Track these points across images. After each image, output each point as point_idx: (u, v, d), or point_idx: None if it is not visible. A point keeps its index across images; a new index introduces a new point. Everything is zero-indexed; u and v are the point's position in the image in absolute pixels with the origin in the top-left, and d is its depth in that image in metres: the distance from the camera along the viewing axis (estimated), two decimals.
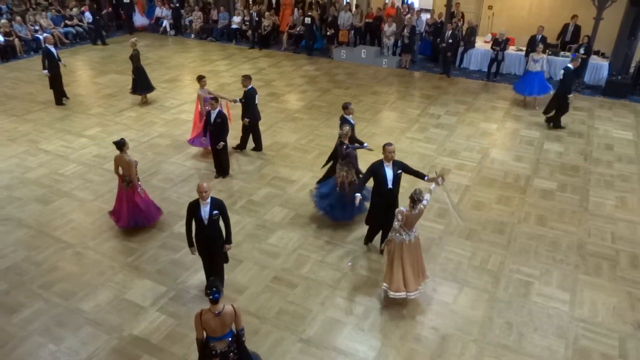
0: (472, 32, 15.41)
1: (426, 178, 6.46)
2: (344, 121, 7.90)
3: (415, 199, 5.65)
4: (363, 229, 7.40)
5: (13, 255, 6.95)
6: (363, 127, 11.14)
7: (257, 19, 17.37)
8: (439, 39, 15.07)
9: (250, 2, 19.34)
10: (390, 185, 6.42)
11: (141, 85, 12.24)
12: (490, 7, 17.14)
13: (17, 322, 5.82)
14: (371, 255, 7.04)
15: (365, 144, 7.92)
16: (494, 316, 5.98)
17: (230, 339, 4.41)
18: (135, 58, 11.90)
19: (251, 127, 9.70)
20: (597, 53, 14.37)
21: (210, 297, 4.18)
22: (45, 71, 11.73)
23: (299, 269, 6.74)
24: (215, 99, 8.46)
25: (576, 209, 8.19)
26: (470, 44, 15.44)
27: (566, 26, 14.75)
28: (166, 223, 7.68)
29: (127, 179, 7.19)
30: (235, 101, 9.68)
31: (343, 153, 7.24)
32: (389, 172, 6.36)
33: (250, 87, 9.43)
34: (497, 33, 14.71)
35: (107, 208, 7.93)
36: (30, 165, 9.37)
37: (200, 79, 9.56)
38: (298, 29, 17.42)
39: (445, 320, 5.91)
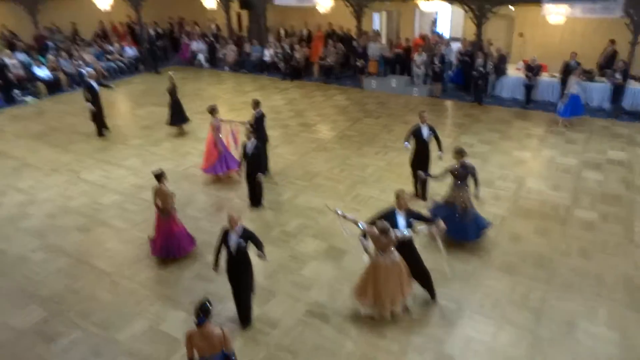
0: (503, 59, 15.33)
1: (437, 220, 6.25)
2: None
3: (380, 229, 5.68)
4: None
5: (53, 283, 7.13)
6: (395, 157, 11.11)
7: (288, 51, 17.76)
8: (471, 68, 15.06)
9: (282, 35, 19.81)
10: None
11: (177, 116, 12.61)
12: (520, 35, 17.04)
13: (55, 351, 5.93)
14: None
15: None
16: (535, 356, 5.73)
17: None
18: (172, 91, 12.31)
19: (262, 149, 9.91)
20: (634, 78, 14.02)
21: (196, 321, 4.33)
22: (88, 104, 12.23)
23: (333, 303, 6.65)
24: (251, 129, 8.63)
25: (620, 241, 7.87)
26: (501, 71, 15.34)
27: (604, 51, 14.52)
28: (199, 253, 7.76)
29: (164, 209, 7.34)
30: (245, 124, 9.86)
31: (466, 172, 7.29)
32: (402, 221, 6.13)
33: (259, 110, 9.79)
34: (529, 59, 14.59)
35: (142, 237, 8.10)
36: (72, 195, 9.68)
37: (213, 109, 9.95)
38: (329, 60, 17.69)
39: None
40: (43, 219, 8.82)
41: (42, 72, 16.50)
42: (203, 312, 4.33)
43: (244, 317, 6.16)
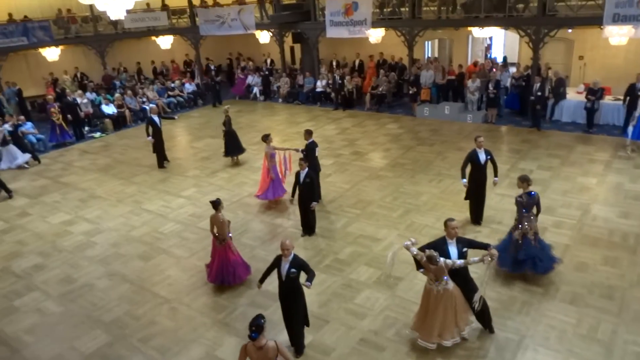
0: (561, 83, 14.86)
1: (490, 247, 5.93)
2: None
3: (427, 257, 5.61)
4: None
5: (117, 309, 7.43)
6: (450, 184, 10.91)
7: (340, 81, 18.08)
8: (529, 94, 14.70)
9: (334, 66, 20.23)
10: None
11: (232, 148, 13.05)
12: (580, 58, 16.52)
13: None
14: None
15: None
16: None
17: None
18: (227, 123, 12.80)
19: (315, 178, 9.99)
20: None
21: (249, 334, 4.49)
22: (149, 137, 12.92)
23: (387, 331, 6.52)
24: (304, 158, 8.79)
25: None
26: (560, 95, 14.86)
27: None
28: (255, 281, 7.80)
29: (221, 237, 7.53)
30: (297, 150, 10.13)
31: (533, 201, 7.09)
32: (453, 250, 5.95)
33: (311, 140, 9.95)
34: (591, 83, 14.06)
35: (200, 265, 8.33)
36: (134, 224, 10.14)
37: (266, 137, 10.34)
38: (381, 89, 17.83)
39: None
40: (108, 248, 9.27)
41: (109, 109, 17.64)
42: (256, 327, 4.50)
43: (296, 345, 6.14)
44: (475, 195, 8.99)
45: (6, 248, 9.50)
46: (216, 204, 7.42)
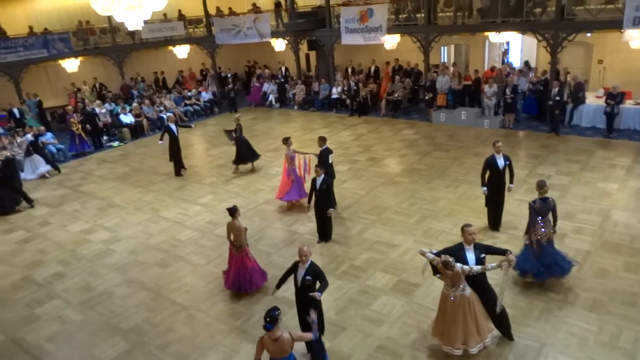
0: (580, 87, 14.66)
1: (508, 253, 5.83)
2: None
3: (442, 262, 5.59)
4: None
5: (135, 316, 7.50)
6: (467, 190, 10.81)
7: (355, 88, 18.10)
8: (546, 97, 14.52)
9: (350, 73, 20.27)
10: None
11: (246, 155, 13.13)
12: (600, 62, 16.27)
13: None
14: None
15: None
16: None
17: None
18: (238, 131, 12.91)
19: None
20: None
21: (264, 325, 4.70)
22: (161, 142, 13.18)
23: (404, 338, 6.47)
24: (319, 165, 8.81)
25: None
26: (579, 100, 14.65)
27: None
28: (271, 287, 7.81)
29: (237, 244, 7.58)
30: (316, 155, 10.21)
31: (548, 207, 7.04)
32: (471, 257, 5.86)
33: (325, 147, 10.02)
34: (610, 87, 13.84)
35: (217, 272, 8.38)
36: (152, 232, 10.25)
37: (286, 140, 10.51)
38: (396, 95, 17.79)
39: None
40: (126, 255, 9.38)
41: (127, 119, 17.91)
42: (270, 318, 4.70)
43: (313, 351, 6.11)
44: (494, 201, 8.90)
45: (28, 257, 9.67)
46: (233, 211, 7.46)
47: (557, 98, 13.78)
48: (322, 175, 8.68)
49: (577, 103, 14.69)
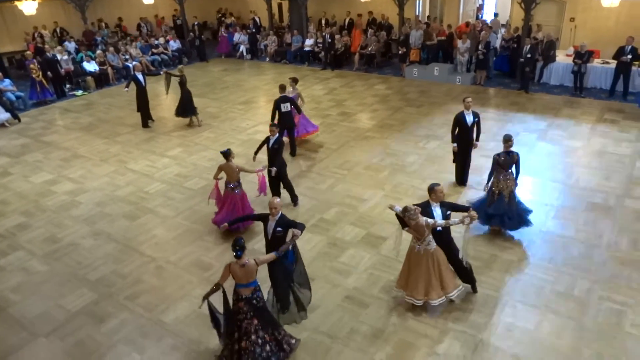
0: (552, 45, 14.75)
1: (470, 209, 5.97)
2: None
3: (403, 209, 5.73)
4: None
5: (103, 267, 7.44)
6: (436, 146, 10.93)
7: (329, 40, 17.73)
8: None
9: (323, 25, 19.78)
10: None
11: (187, 108, 12.91)
12: (572, 20, 16.32)
13: (104, 332, 6.19)
14: None
15: None
16: (581, 346, 5.54)
17: (254, 286, 5.21)
18: (183, 83, 12.67)
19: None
20: None
21: (234, 254, 5.01)
22: (126, 89, 12.79)
23: (371, 289, 6.65)
24: (275, 125, 8.51)
25: None
26: (549, 58, 14.76)
27: None
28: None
29: (233, 185, 7.89)
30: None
31: (512, 160, 7.27)
32: (437, 213, 5.97)
33: (283, 95, 10.37)
34: (579, 46, 13.97)
35: (186, 224, 8.35)
36: (119, 184, 10.05)
37: (294, 80, 11.47)
38: (370, 49, 17.53)
39: (526, 349, 5.56)
40: (92, 207, 9.20)
41: (91, 67, 17.16)
42: (239, 247, 4.99)
43: (281, 301, 6.20)
44: (461, 157, 9.03)
45: None
46: (227, 154, 7.74)
47: (529, 55, 13.85)
48: (277, 135, 8.39)
49: (548, 61, 14.82)
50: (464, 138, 8.83)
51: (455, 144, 8.90)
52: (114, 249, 7.89)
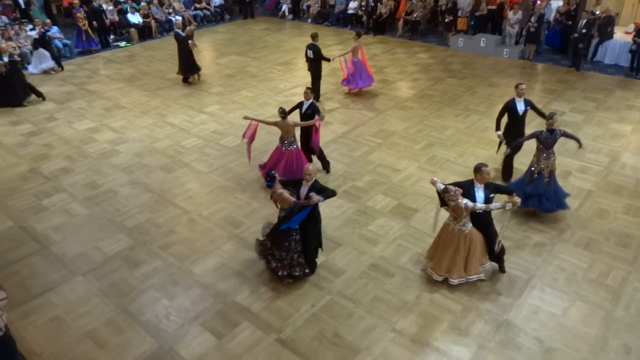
0: (610, 21, 13.92)
1: (513, 194, 5.82)
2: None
3: (445, 191, 5.62)
4: None
5: (139, 216, 7.69)
6: (476, 120, 10.65)
7: (373, 4, 17.24)
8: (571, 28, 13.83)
9: None
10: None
11: (190, 66, 12.92)
12: None
13: (137, 276, 6.46)
14: None
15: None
16: (609, 336, 5.45)
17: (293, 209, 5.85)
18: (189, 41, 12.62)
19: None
20: None
21: (267, 184, 5.92)
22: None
23: (398, 259, 6.66)
24: (310, 89, 8.48)
25: None
26: (606, 35, 13.98)
27: None
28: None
29: (288, 141, 8.04)
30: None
31: (555, 138, 7.05)
32: (480, 195, 5.80)
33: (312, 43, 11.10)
34: None
35: (220, 181, 8.50)
36: (158, 136, 10.25)
37: (358, 34, 12.02)
38: (415, 15, 16.99)
39: (551, 333, 5.51)
40: (131, 157, 9.45)
41: (135, 19, 17.26)
42: (270, 177, 5.84)
43: (309, 263, 6.32)
44: (512, 153, 7.98)
45: (34, 150, 9.75)
46: (282, 113, 7.91)
47: (584, 31, 13.14)
48: (311, 99, 8.34)
49: (604, 38, 14.03)
50: (515, 130, 8.06)
51: (499, 132, 8.08)
52: (150, 199, 8.12)
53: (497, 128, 8.16)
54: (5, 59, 11.50)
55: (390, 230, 7.25)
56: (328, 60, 11.26)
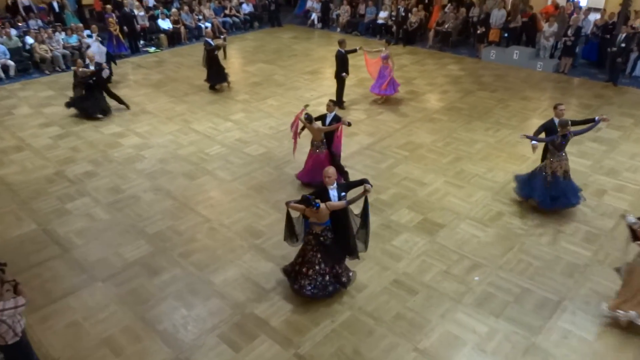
0: None
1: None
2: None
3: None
4: (497, 245, 6.89)
5: (160, 222, 7.66)
6: (507, 134, 10.34)
7: (403, 14, 17.08)
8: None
9: None
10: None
11: (218, 75, 12.97)
12: None
13: (157, 284, 6.39)
14: (500, 273, 6.47)
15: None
16: None
17: (325, 226, 5.76)
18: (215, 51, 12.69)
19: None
20: None
21: (313, 207, 5.41)
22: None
23: (421, 276, 6.44)
24: (332, 101, 8.42)
25: None
26: None
27: None
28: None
29: (316, 144, 8.23)
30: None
31: (567, 142, 7.31)
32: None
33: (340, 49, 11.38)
34: None
35: (242, 190, 8.42)
36: (182, 143, 10.26)
37: (389, 42, 12.41)
38: (447, 26, 16.75)
39: (582, 359, 5.21)
40: (155, 163, 9.46)
41: (165, 24, 17.51)
42: (305, 201, 5.43)
43: (352, 251, 6.15)
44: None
45: (61, 153, 9.88)
46: (308, 119, 8.03)
47: (623, 45, 12.69)
48: (334, 112, 8.21)
49: None
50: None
51: (535, 142, 7.50)
52: (172, 206, 8.09)
53: (534, 139, 7.66)
54: (92, 67, 11.41)
55: (415, 245, 7.03)
56: (354, 51, 11.53)
